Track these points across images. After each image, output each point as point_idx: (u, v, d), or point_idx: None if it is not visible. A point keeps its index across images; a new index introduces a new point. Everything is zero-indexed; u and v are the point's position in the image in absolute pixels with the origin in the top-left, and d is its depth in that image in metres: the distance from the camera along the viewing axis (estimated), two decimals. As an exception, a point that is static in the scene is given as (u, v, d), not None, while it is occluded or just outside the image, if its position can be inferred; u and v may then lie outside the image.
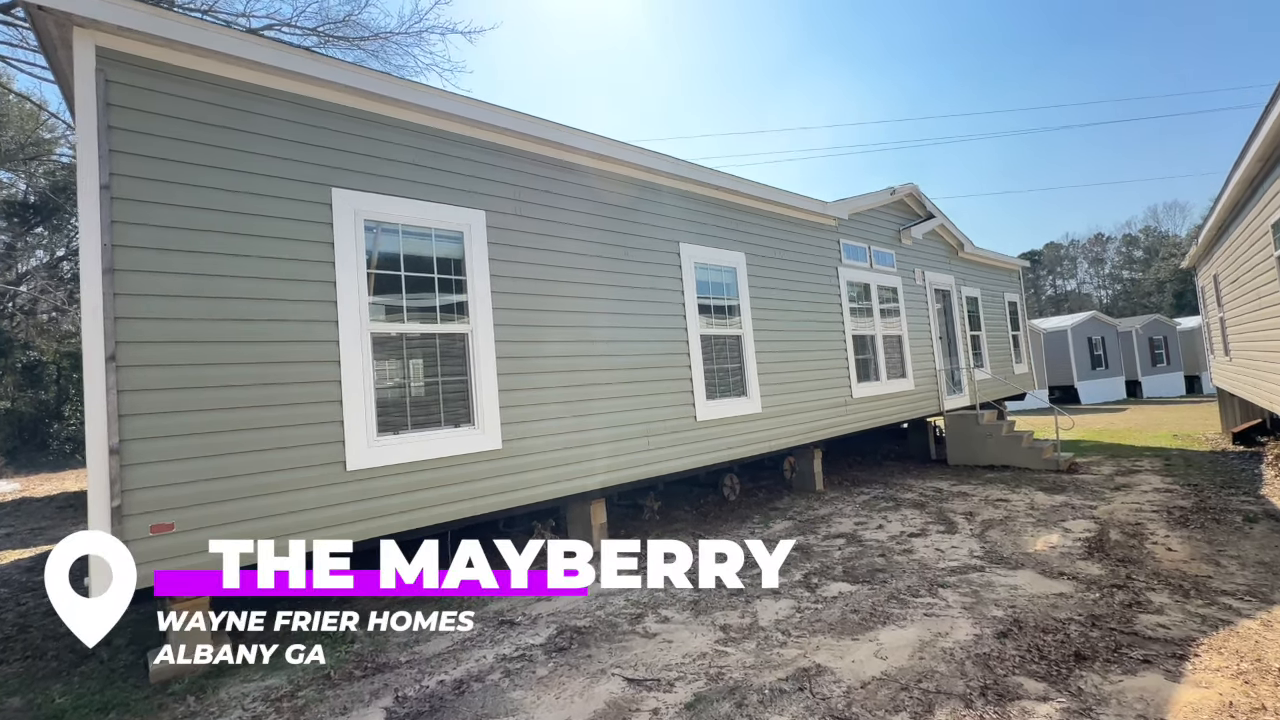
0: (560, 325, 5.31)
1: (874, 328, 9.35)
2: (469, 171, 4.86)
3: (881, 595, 4.47)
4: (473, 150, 4.90)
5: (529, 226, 5.21)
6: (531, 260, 5.18)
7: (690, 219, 6.66)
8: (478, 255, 4.80)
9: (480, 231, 4.84)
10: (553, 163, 5.47)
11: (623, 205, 6.00)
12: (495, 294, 4.88)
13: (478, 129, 4.91)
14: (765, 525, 6.90)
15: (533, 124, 5.15)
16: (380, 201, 4.31)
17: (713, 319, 6.79)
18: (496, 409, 4.77)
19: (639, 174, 6.18)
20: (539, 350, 5.14)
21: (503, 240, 5.00)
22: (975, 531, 6.09)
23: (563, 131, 5.40)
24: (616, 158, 5.86)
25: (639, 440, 5.84)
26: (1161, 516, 6.26)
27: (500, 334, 4.87)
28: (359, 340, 4.10)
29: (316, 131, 4.11)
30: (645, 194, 6.26)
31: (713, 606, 4.47)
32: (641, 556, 5.77)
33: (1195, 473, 8.47)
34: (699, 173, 6.61)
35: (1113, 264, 69.95)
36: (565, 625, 4.30)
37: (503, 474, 4.80)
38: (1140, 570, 4.70)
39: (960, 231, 11.84)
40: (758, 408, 7.10)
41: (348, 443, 3.99)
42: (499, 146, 5.08)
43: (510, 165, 5.16)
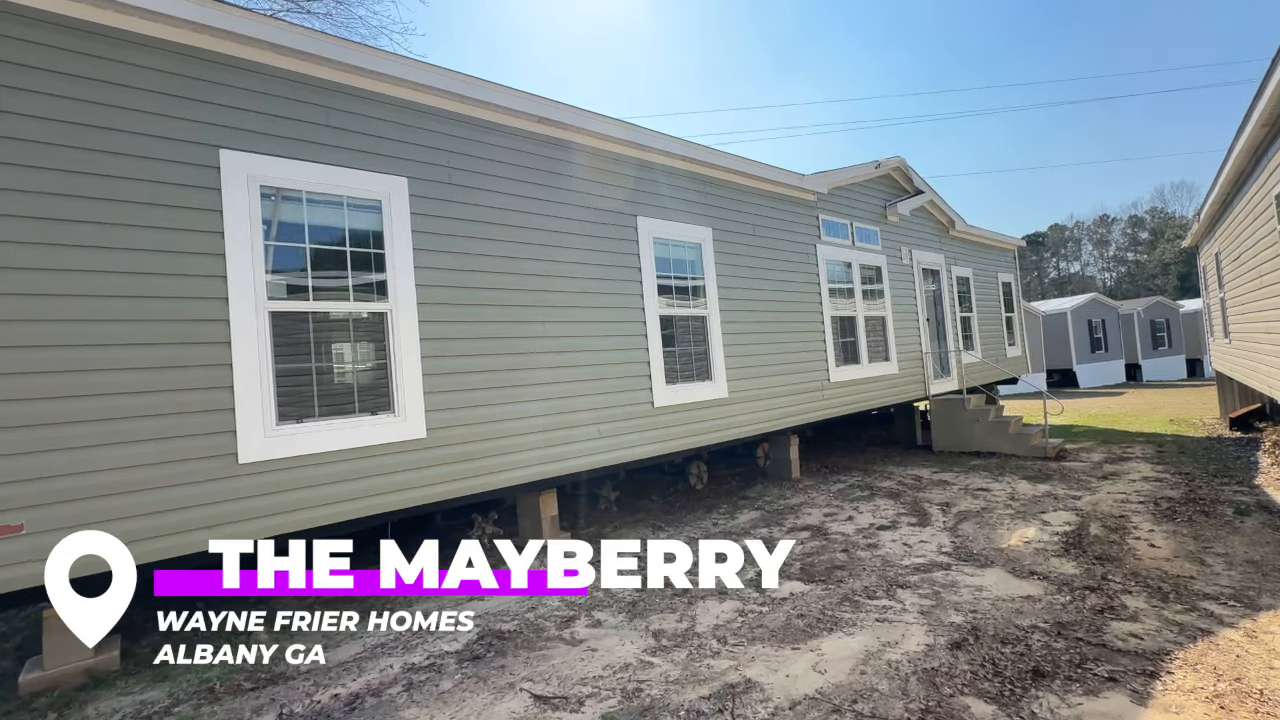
0: (496, 304, 4.90)
1: (855, 309, 8.92)
2: (388, 134, 4.42)
3: (835, 597, 4.12)
4: (391, 110, 4.45)
5: (460, 196, 4.78)
6: (463, 233, 4.76)
7: (649, 190, 6.21)
8: (399, 227, 4.38)
9: (402, 201, 4.41)
10: (488, 126, 5.02)
11: (570, 175, 5.55)
12: (420, 269, 4.46)
13: (396, 86, 4.46)
14: (731, 516, 6.55)
15: (459, 81, 4.69)
16: (280, 166, 3.88)
17: (674, 298, 6.38)
18: (420, 395, 4.39)
19: (589, 141, 5.72)
20: (471, 331, 4.74)
21: (429, 211, 4.57)
22: (948, 524, 5.73)
23: (499, 92, 4.94)
24: (562, 122, 5.40)
25: (589, 428, 5.46)
26: (1147, 508, 5.89)
27: (425, 313, 4.47)
28: (255, 320, 3.70)
29: (202, 86, 3.67)
30: (597, 163, 5.80)
31: (651, 609, 4.13)
32: (595, 552, 5.44)
33: (1188, 460, 8.09)
34: (659, 140, 6.15)
35: (1117, 246, 68.98)
36: (489, 629, 3.97)
37: (428, 465, 4.43)
38: (1118, 570, 4.33)
39: (951, 208, 11.34)
40: (724, 393, 6.71)
41: (240, 433, 3.61)
42: (424, 107, 4.63)
43: (438, 128, 4.71)
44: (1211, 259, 12.26)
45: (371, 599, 4.69)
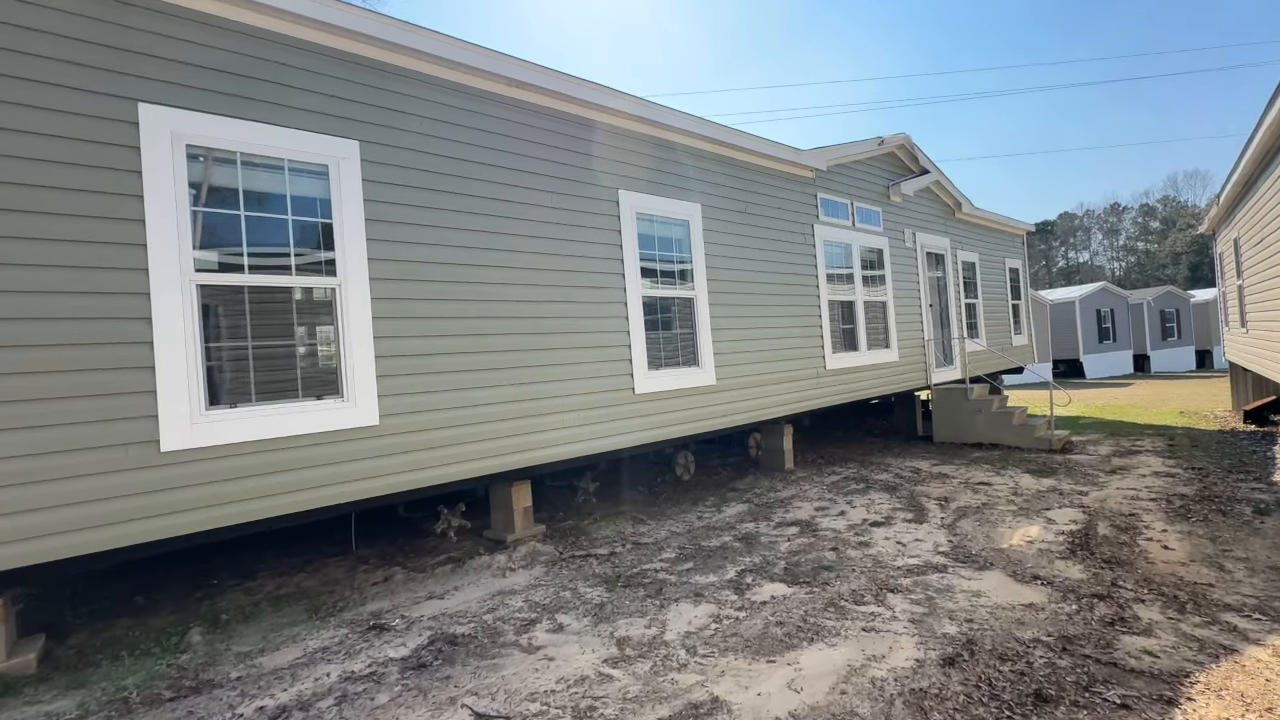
0: (460, 281, 4.54)
1: (854, 293, 8.52)
2: (338, 93, 4.03)
3: (819, 602, 3.79)
4: (341, 67, 4.05)
5: (421, 164, 4.39)
6: (423, 203, 4.38)
7: (633, 163, 5.81)
8: (349, 194, 4.01)
9: (353, 166, 4.04)
10: (454, 88, 4.62)
11: (545, 144, 5.15)
12: (373, 242, 4.10)
13: (347, 39, 4.06)
14: (718, 509, 6.23)
15: (418, 36, 4.28)
16: (210, 124, 3.51)
17: (659, 279, 5.99)
18: (373, 379, 4.04)
19: (568, 107, 5.31)
20: (432, 310, 4.38)
21: (384, 178, 4.20)
22: (946, 521, 5.39)
23: (466, 50, 4.53)
24: (537, 86, 4.99)
25: (563, 416, 5.12)
26: (1159, 506, 5.52)
27: (379, 290, 4.11)
28: (180, 294, 3.35)
29: (116, 31, 3.29)
30: (576, 131, 5.40)
31: (619, 612, 3.81)
32: (574, 545, 5.13)
33: (1201, 455, 7.71)
34: (643, 109, 5.73)
35: (1128, 235, 67.90)
36: (442, 633, 3.66)
37: (381, 454, 4.10)
38: (1129, 574, 3.98)
39: (958, 190, 10.87)
40: (711, 379, 6.35)
41: (163, 418, 3.28)
42: (379, 64, 4.23)
43: (396, 88, 4.32)
44: (1230, 245, 11.76)
45: (325, 595, 4.39)
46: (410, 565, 4.90)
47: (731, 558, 4.72)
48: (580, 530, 5.63)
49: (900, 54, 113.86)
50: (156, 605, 4.28)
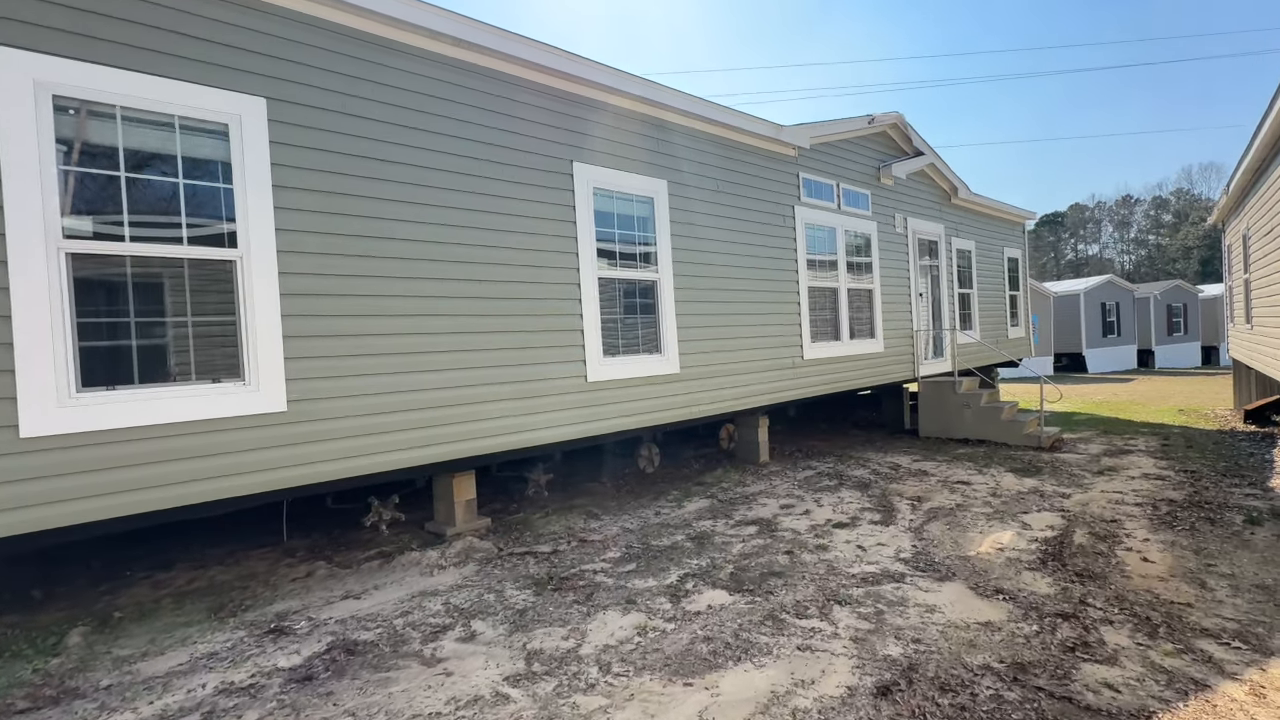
0: (384, 256, 4.18)
1: (838, 280, 8.12)
2: (239, 43, 3.64)
3: (758, 614, 3.46)
4: (242, 14, 3.66)
5: (342, 126, 4.01)
6: (344, 170, 4.01)
7: (590, 133, 5.40)
8: (254, 158, 3.64)
9: (258, 125, 3.66)
10: (383, 45, 4.22)
11: (489, 109, 4.76)
12: (282, 210, 3.73)
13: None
14: (679, 504, 5.91)
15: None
16: (83, 72, 3.14)
17: (619, 260, 5.61)
18: (280, 361, 3.71)
19: (515, 70, 4.91)
20: (351, 287, 4.03)
21: (298, 140, 3.82)
22: (915, 524, 5.05)
23: (397, 3, 4.13)
24: (482, 45, 4.59)
25: (505, 403, 4.78)
26: (1144, 512, 5.17)
27: (288, 263, 3.75)
28: (45, 262, 3.01)
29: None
30: (525, 97, 4.99)
31: (540, 620, 3.50)
32: (517, 541, 4.81)
33: (1196, 456, 7.33)
34: (599, 73, 5.31)
35: (1139, 228, 66.69)
36: (344, 639, 3.36)
37: (292, 443, 3.78)
38: (1101, 590, 3.64)
39: (955, 174, 10.39)
40: (674, 368, 5.99)
41: (22, 401, 2.95)
42: (290, 14, 3.83)
43: (313, 42, 3.92)
44: (1238, 238, 11.26)
45: (237, 591, 4.10)
46: (337, 560, 4.61)
47: (678, 559, 4.40)
48: (527, 525, 5.32)
49: (918, 33, 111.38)
50: (54, 600, 4.00)
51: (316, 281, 3.87)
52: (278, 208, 3.70)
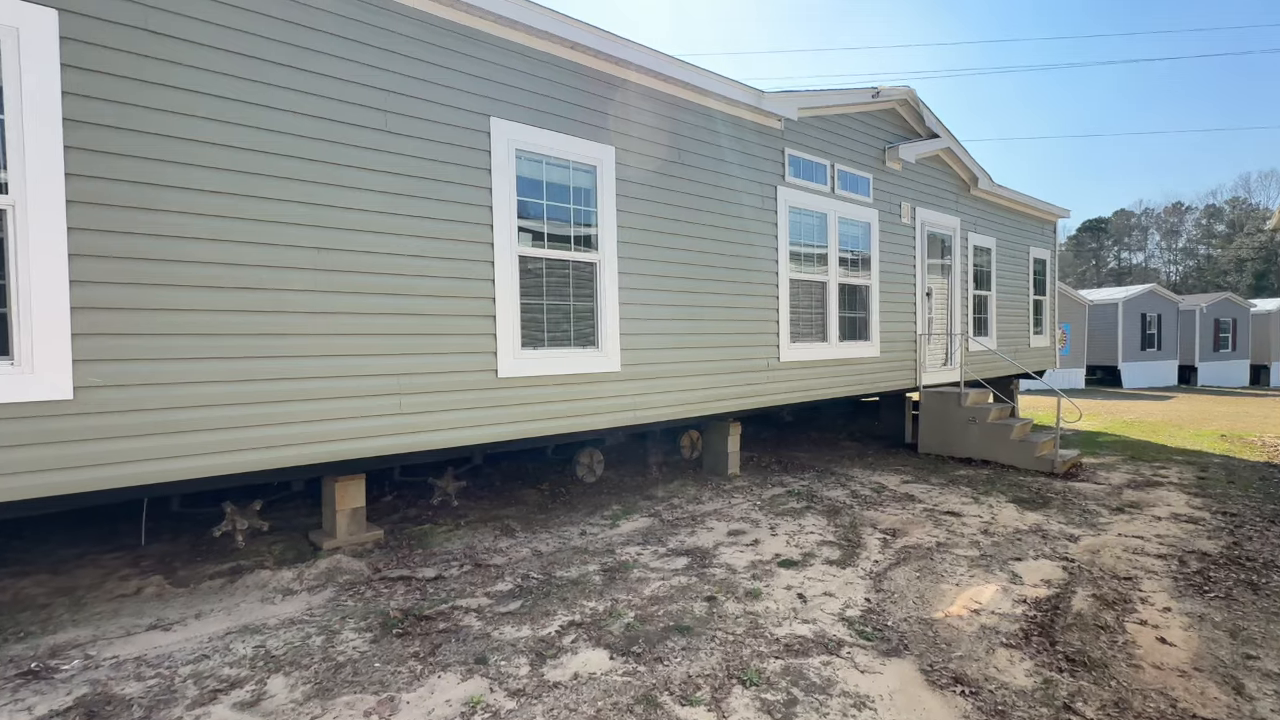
0: (229, 216, 3.43)
1: (828, 273, 7.18)
2: None
3: (631, 693, 2.65)
4: None
5: (164, 50, 3.27)
6: (164, 105, 3.26)
7: (514, 84, 4.57)
8: (35, 83, 2.92)
9: (39, 42, 2.94)
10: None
11: (378, 46, 3.97)
12: (74, 151, 3.01)
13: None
14: (613, 523, 5.10)
15: None
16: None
17: (549, 238, 4.79)
18: (67, 339, 3.00)
19: (421, 4, 4.11)
20: (183, 252, 3.30)
21: (99, 65, 3.09)
22: (878, 567, 4.17)
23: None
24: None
25: (383, 399, 4.02)
26: (1168, 568, 4.19)
27: (79, 217, 3.03)
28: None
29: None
30: (430, 36, 4.19)
31: (357, 679, 2.74)
32: (401, 561, 4.03)
33: (1238, 494, 6.24)
34: (529, 14, 4.47)
35: (1189, 237, 63.14)
36: (101, 693, 2.64)
37: (81, 438, 3.07)
38: (1098, 687, 2.73)
39: (975, 162, 9.31)
40: (615, 365, 5.16)
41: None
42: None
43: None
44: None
45: (29, 612, 3.40)
46: (176, 576, 3.91)
47: (574, 600, 3.60)
48: (423, 540, 4.57)
49: (973, 16, 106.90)
50: None
51: (125, 242, 3.14)
52: (71, 147, 2.95)
